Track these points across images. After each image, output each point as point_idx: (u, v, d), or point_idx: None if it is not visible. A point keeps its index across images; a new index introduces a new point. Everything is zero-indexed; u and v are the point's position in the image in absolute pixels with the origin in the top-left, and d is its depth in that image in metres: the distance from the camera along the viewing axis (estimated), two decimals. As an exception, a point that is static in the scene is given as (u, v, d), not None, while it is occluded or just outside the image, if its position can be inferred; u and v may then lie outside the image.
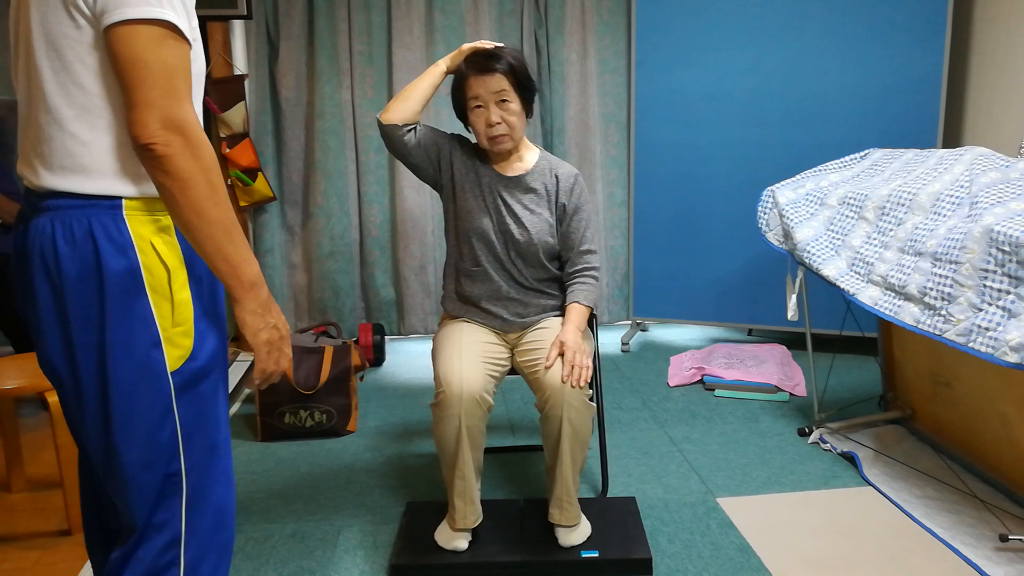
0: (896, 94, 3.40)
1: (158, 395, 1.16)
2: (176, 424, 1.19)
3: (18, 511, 2.39)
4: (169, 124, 1.05)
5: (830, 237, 2.44)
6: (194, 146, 1.07)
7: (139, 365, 1.14)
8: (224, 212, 1.11)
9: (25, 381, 2.24)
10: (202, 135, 1.09)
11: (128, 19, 1.04)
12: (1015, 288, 1.77)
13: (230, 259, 1.12)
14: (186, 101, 1.08)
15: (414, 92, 2.08)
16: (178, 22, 1.07)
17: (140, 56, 1.05)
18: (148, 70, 1.05)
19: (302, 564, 2.05)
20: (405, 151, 2.09)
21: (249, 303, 1.16)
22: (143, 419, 1.16)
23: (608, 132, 4.05)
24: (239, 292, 1.15)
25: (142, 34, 1.04)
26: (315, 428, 2.85)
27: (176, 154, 1.06)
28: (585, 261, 2.16)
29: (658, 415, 3.02)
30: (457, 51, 2.09)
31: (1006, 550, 2.00)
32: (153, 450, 1.18)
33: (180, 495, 1.21)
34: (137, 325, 1.14)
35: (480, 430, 1.94)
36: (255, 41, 3.75)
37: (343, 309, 3.99)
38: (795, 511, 2.26)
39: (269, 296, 1.19)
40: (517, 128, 2.04)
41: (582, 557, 1.96)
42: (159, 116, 1.05)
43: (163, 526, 1.20)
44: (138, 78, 1.05)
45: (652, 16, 3.66)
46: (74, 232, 1.12)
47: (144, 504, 1.19)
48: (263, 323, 1.18)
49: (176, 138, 1.06)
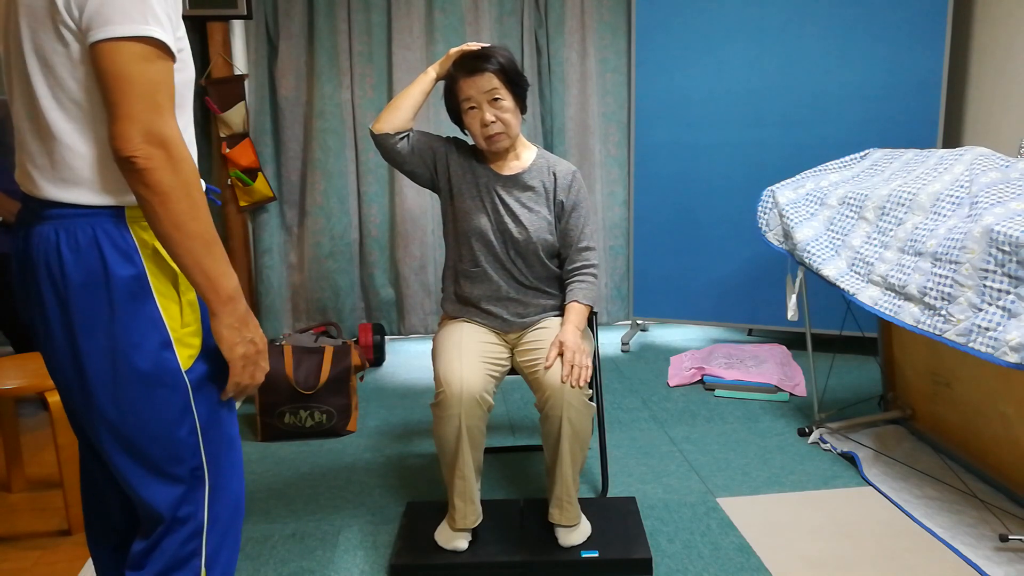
0: (896, 94, 3.40)
1: (176, 393, 1.19)
2: (196, 421, 1.22)
3: (18, 511, 2.39)
4: (151, 138, 1.06)
5: (830, 237, 2.44)
6: (175, 160, 1.08)
7: (153, 366, 1.17)
8: (203, 226, 1.11)
9: (25, 381, 2.24)
10: (184, 150, 1.09)
11: (113, 36, 1.04)
12: (1015, 288, 1.77)
13: (208, 273, 1.13)
14: (168, 116, 1.08)
15: (405, 101, 2.09)
16: (163, 38, 1.08)
17: (123, 72, 1.05)
18: (131, 84, 1.05)
19: (302, 564, 2.05)
20: (400, 159, 2.10)
21: (226, 317, 1.17)
22: (163, 418, 1.19)
23: (608, 132, 4.05)
24: (217, 306, 1.16)
25: (126, 50, 1.05)
26: (315, 428, 2.85)
27: (157, 168, 1.06)
28: (584, 258, 2.16)
29: (658, 415, 3.02)
30: (445, 57, 2.10)
31: (1006, 550, 2.00)
32: (177, 447, 1.21)
33: (203, 488, 1.25)
34: (147, 328, 1.16)
35: (480, 430, 1.94)
36: (255, 41, 3.75)
37: (343, 309, 3.99)
38: (795, 511, 2.26)
39: (247, 310, 1.20)
40: (512, 125, 2.05)
41: (582, 557, 1.96)
42: (141, 129, 1.05)
43: (188, 518, 1.24)
44: (121, 92, 1.05)
45: (652, 16, 3.66)
46: (79, 240, 1.13)
47: (171, 499, 1.22)
48: (240, 337, 1.19)
49: (157, 152, 1.06)
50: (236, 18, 3.50)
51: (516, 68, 2.04)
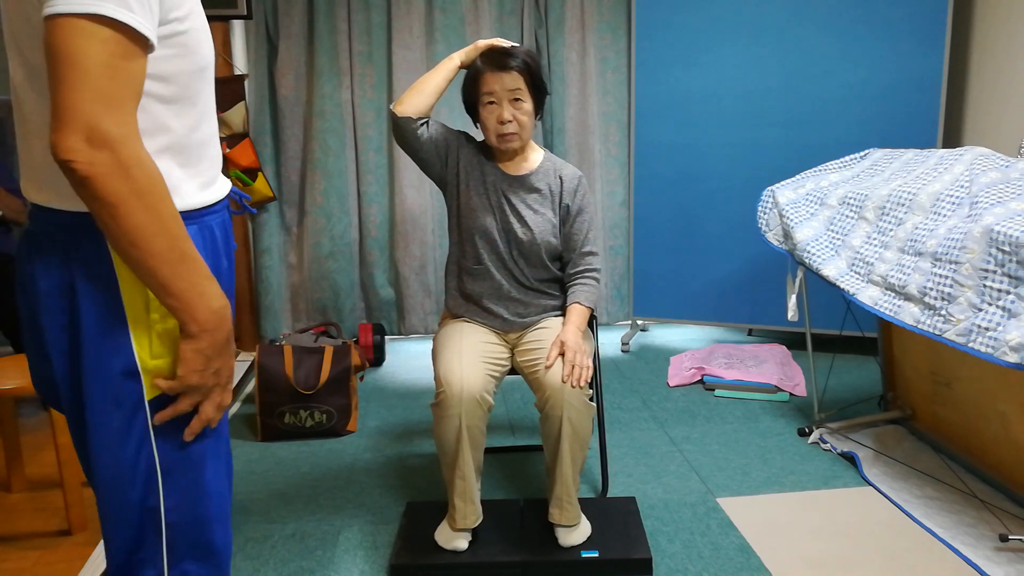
0: (896, 94, 3.40)
1: (132, 425, 1.03)
2: (154, 456, 1.05)
3: (18, 511, 2.39)
4: (95, 137, 0.88)
5: (830, 237, 2.44)
6: (125, 165, 0.89)
7: (113, 393, 1.02)
8: (169, 242, 0.94)
9: (25, 381, 2.24)
10: (138, 151, 0.91)
11: (71, 12, 0.87)
12: (1015, 288, 1.77)
13: (179, 295, 0.97)
14: (121, 111, 0.90)
15: (428, 85, 2.07)
16: (128, 20, 0.89)
17: (74, 54, 0.87)
18: (81, 71, 0.87)
19: (302, 564, 2.05)
20: (417, 145, 2.09)
21: (200, 343, 1.00)
22: (116, 447, 1.03)
23: (608, 131, 4.05)
24: (192, 329, 1.00)
25: (84, 30, 0.87)
26: (315, 428, 2.85)
27: (100, 174, 0.88)
28: (587, 263, 2.16)
29: (658, 415, 3.02)
30: (472, 46, 2.08)
31: (1006, 550, 2.00)
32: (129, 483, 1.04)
33: (160, 534, 1.08)
34: (112, 353, 1.01)
35: (480, 430, 1.94)
36: (254, 41, 3.74)
37: (343, 309, 3.99)
38: (795, 511, 2.26)
39: (229, 338, 1.04)
40: (527, 128, 2.05)
41: (582, 557, 1.96)
42: (83, 126, 0.87)
43: (145, 565, 1.08)
44: (65, 80, 0.87)
45: (652, 15, 3.66)
46: (51, 249, 1.00)
47: (123, 537, 1.07)
48: (204, 365, 1.02)
49: (101, 155, 0.88)
50: (236, 18, 3.50)
51: (540, 73, 2.05)
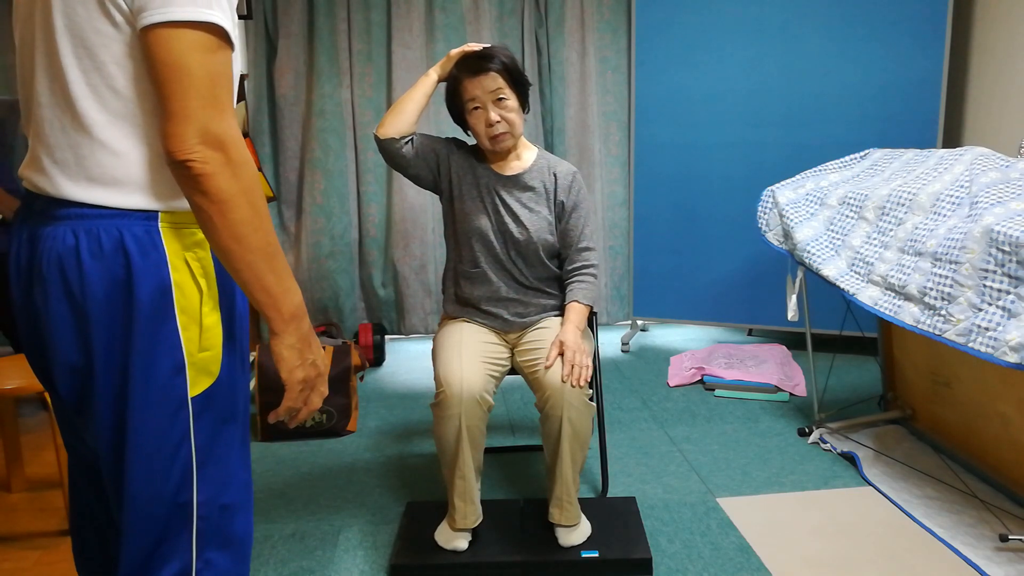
0: (896, 94, 3.40)
1: (175, 421, 1.06)
2: (191, 452, 1.08)
3: (18, 511, 2.39)
4: (209, 139, 0.94)
5: (830, 237, 2.44)
6: (236, 164, 0.96)
7: (159, 392, 1.04)
8: (265, 238, 1.00)
9: (25, 381, 2.24)
10: (245, 152, 0.98)
11: (171, 20, 0.92)
12: (1015, 288, 1.77)
13: (270, 289, 1.02)
14: (229, 114, 0.97)
15: (408, 104, 2.09)
16: (226, 25, 0.96)
17: (181, 62, 0.93)
18: (190, 77, 0.94)
19: (302, 564, 2.05)
20: (404, 163, 2.10)
21: (288, 337, 1.06)
22: (157, 442, 1.06)
23: (608, 131, 4.05)
24: (278, 325, 1.05)
25: (185, 38, 0.93)
26: (315, 428, 2.85)
27: (215, 173, 0.95)
28: (584, 259, 2.16)
29: (658, 415, 3.02)
30: (445, 58, 2.10)
31: (1006, 550, 2.00)
32: (164, 479, 1.07)
33: (190, 527, 1.10)
34: (162, 349, 1.03)
35: (480, 430, 1.94)
36: (254, 40, 3.74)
37: (343, 309, 3.99)
38: (795, 511, 2.26)
39: (310, 329, 1.09)
40: (516, 124, 2.05)
41: (582, 557, 1.96)
42: (198, 129, 0.94)
43: (171, 557, 1.09)
44: (177, 86, 0.93)
45: (652, 15, 3.66)
46: (102, 245, 1.01)
47: (149, 530, 1.07)
48: (300, 360, 1.08)
49: (216, 155, 0.95)
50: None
51: (519, 68, 2.05)
